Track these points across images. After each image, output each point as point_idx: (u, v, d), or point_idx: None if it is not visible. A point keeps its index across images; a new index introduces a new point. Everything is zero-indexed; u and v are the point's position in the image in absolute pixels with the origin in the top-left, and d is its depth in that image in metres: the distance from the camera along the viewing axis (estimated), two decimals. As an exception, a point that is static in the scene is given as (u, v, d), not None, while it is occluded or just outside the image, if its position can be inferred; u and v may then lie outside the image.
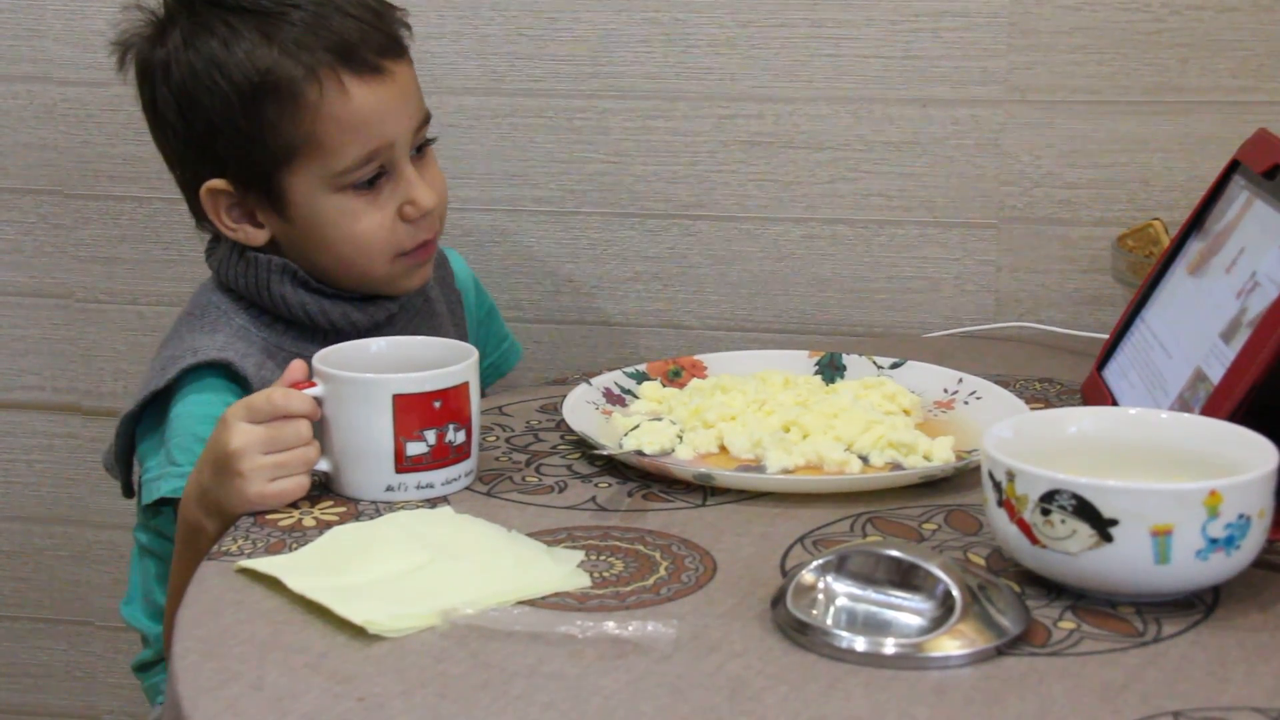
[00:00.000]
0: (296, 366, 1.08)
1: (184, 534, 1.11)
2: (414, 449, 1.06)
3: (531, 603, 0.91)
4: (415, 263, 1.28)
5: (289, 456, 1.05)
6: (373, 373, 1.07)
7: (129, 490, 1.29)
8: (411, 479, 1.07)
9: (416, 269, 1.29)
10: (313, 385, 1.07)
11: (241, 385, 1.21)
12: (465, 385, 1.08)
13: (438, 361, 1.09)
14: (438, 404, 1.06)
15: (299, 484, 1.06)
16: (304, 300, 1.26)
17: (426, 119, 1.28)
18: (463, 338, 1.39)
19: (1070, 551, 0.87)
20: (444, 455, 1.07)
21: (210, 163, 1.24)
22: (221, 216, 1.25)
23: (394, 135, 1.23)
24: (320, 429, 1.07)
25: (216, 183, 1.24)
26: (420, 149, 1.28)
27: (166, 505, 1.19)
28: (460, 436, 1.08)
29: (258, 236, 1.26)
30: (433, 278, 1.35)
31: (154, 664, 1.31)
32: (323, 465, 1.08)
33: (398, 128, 1.24)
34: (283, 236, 1.26)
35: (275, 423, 1.05)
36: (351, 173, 1.22)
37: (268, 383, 1.19)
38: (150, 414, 1.24)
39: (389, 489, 1.06)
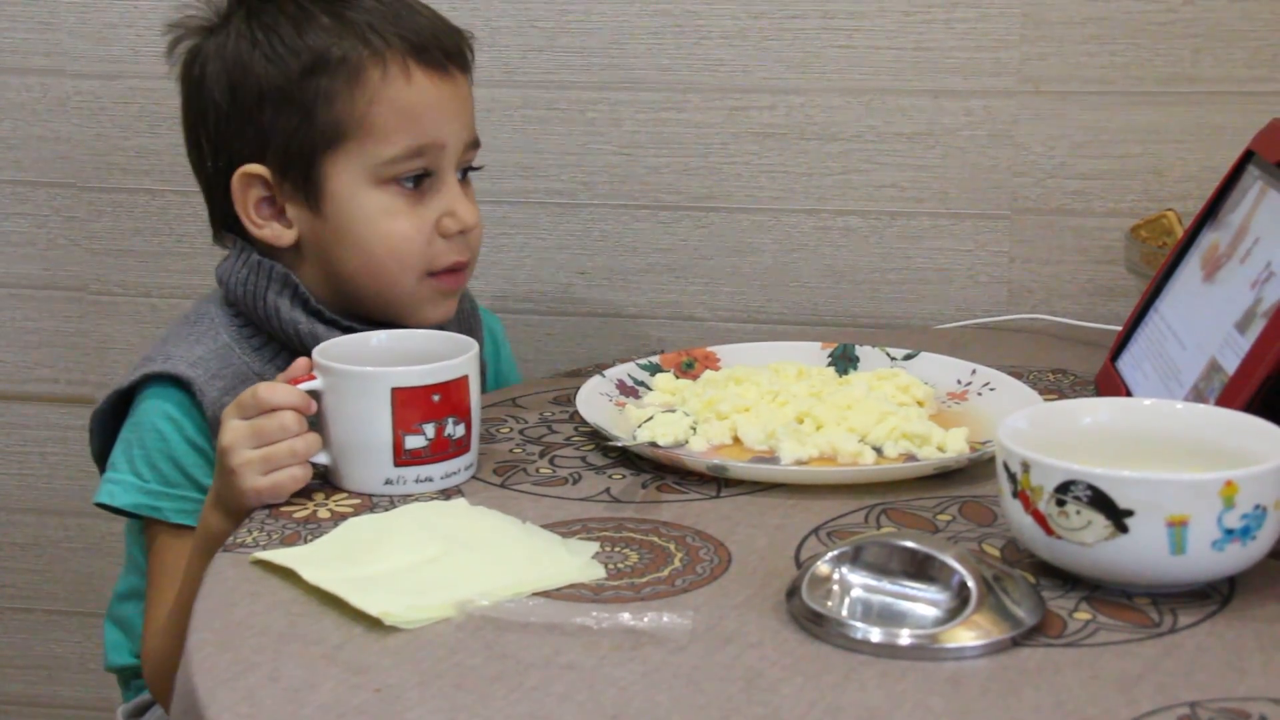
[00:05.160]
0: (299, 363, 1.08)
1: (203, 546, 1.09)
2: (412, 442, 1.06)
3: (547, 594, 0.91)
4: (442, 289, 1.23)
5: (275, 450, 1.04)
6: (372, 366, 1.07)
7: None
8: (410, 472, 1.06)
9: (442, 298, 1.24)
10: (312, 379, 1.07)
11: (197, 407, 1.18)
12: (465, 379, 1.07)
13: (438, 355, 1.08)
14: (436, 397, 1.06)
15: (291, 476, 1.05)
16: (296, 318, 1.21)
17: (477, 143, 1.26)
18: None
19: (1085, 542, 0.86)
20: (443, 449, 1.07)
21: (251, 143, 1.20)
22: (249, 210, 1.21)
23: (446, 138, 1.21)
24: (320, 422, 1.07)
25: (253, 167, 1.20)
26: (464, 175, 1.25)
27: (121, 513, 1.20)
28: (460, 430, 1.07)
29: (285, 236, 1.21)
30: (457, 325, 1.30)
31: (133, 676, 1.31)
32: (322, 458, 1.07)
33: (451, 131, 1.21)
34: (311, 236, 1.21)
35: (260, 416, 1.05)
36: (398, 164, 1.19)
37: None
38: (122, 409, 1.22)
39: (388, 482, 1.06)
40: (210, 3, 1.25)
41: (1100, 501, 0.85)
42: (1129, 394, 1.18)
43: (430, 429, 1.06)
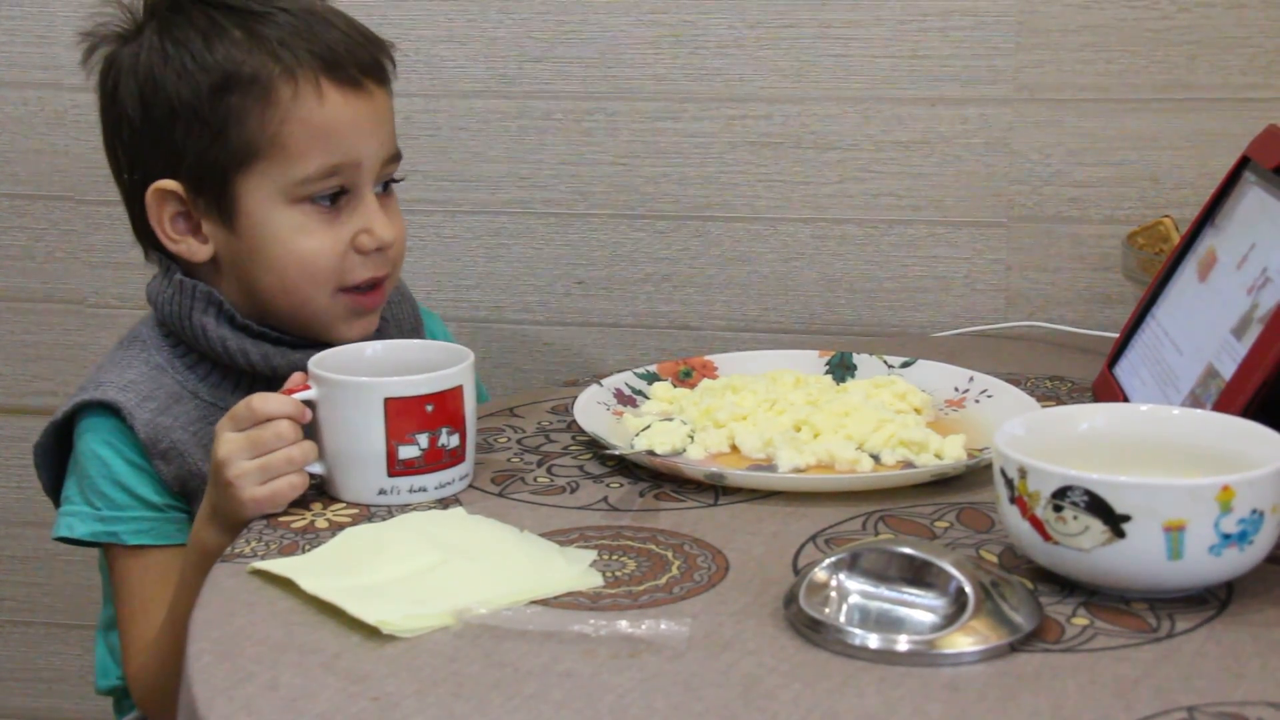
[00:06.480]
0: (296, 376, 1.09)
1: (198, 562, 1.08)
2: (406, 452, 1.06)
3: (544, 602, 0.91)
4: (358, 306, 1.21)
5: (272, 459, 1.05)
6: (366, 376, 1.07)
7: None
8: (404, 482, 1.06)
9: (359, 315, 1.21)
10: (306, 388, 1.07)
11: (131, 429, 1.17)
12: (459, 389, 1.07)
13: (432, 365, 1.08)
14: (430, 407, 1.05)
15: (289, 484, 1.05)
16: (224, 335, 1.19)
17: (398, 156, 1.23)
18: None
19: (1083, 548, 0.86)
20: (437, 459, 1.07)
21: (164, 159, 1.18)
22: (165, 225, 1.19)
23: (362, 155, 1.18)
24: (315, 432, 1.07)
25: (166, 183, 1.18)
26: (386, 187, 1.23)
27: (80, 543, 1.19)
28: (454, 440, 1.07)
29: (200, 251, 1.19)
30: (396, 333, 1.29)
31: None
32: (317, 468, 1.07)
33: (367, 149, 1.18)
34: (227, 253, 1.19)
35: (256, 427, 1.05)
36: (311, 183, 1.17)
37: (163, 429, 1.17)
38: (64, 437, 1.22)
39: (381, 492, 1.06)
40: (126, 7, 1.23)
41: (1097, 507, 0.85)
42: (1126, 400, 1.19)
43: (424, 439, 1.06)
